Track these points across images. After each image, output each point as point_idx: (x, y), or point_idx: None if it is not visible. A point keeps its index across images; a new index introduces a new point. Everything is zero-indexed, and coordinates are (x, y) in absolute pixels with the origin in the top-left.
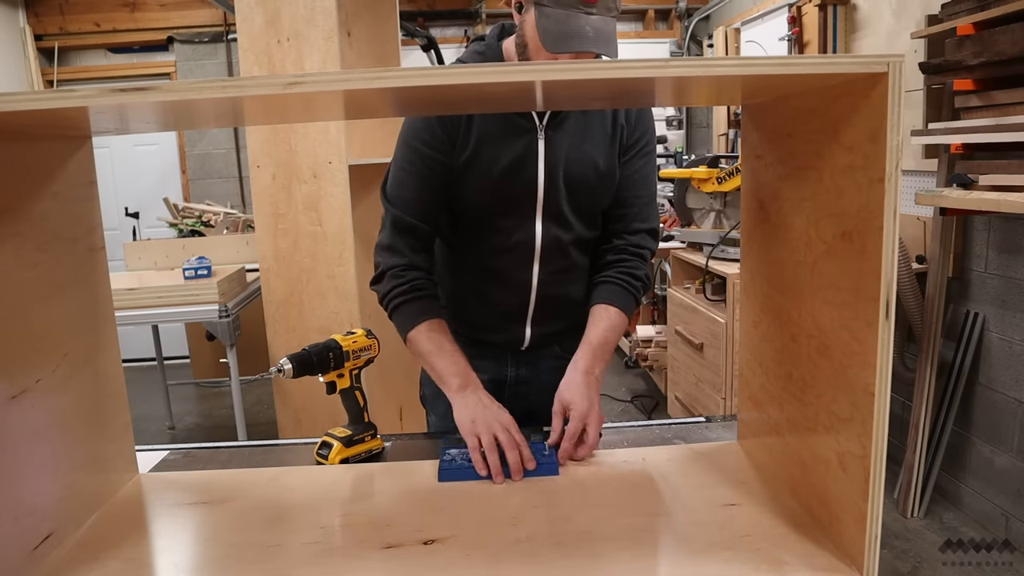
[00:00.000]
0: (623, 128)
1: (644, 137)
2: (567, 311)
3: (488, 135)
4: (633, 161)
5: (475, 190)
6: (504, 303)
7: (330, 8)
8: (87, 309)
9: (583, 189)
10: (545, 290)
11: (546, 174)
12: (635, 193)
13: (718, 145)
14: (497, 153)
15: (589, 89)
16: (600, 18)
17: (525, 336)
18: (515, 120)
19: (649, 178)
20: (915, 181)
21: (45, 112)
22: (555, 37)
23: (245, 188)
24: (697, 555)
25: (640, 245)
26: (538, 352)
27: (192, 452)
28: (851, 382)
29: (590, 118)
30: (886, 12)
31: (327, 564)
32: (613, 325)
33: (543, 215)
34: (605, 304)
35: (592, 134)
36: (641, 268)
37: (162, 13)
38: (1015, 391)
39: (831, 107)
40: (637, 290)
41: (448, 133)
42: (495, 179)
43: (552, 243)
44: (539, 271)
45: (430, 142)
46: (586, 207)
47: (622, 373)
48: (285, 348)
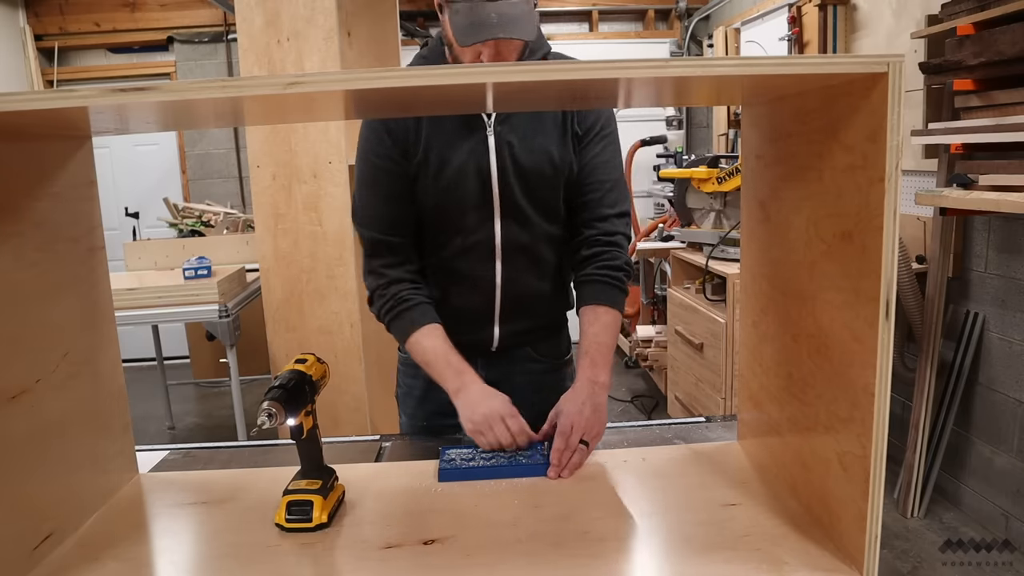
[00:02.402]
0: (574, 116)
1: (599, 121)
2: (535, 309)
3: (437, 138)
4: (591, 147)
5: (429, 193)
6: (470, 304)
7: (330, 8)
8: (87, 309)
9: (538, 181)
10: (510, 288)
11: (499, 170)
12: (597, 178)
13: (718, 145)
14: (447, 154)
15: (588, 89)
16: (505, 3)
17: (494, 336)
18: (464, 119)
19: (611, 162)
20: (915, 181)
21: (45, 112)
22: (463, 31)
23: (245, 188)
24: (697, 555)
25: (612, 231)
26: (511, 354)
27: (192, 452)
28: (851, 382)
29: (539, 112)
30: (886, 12)
31: (327, 564)
32: (605, 325)
33: (501, 212)
34: (592, 305)
35: (543, 126)
36: (619, 256)
37: (162, 13)
38: (1015, 391)
39: (831, 107)
40: (620, 280)
41: (397, 142)
42: (448, 180)
43: (513, 240)
44: (502, 269)
45: (382, 153)
46: (544, 200)
47: (622, 373)
48: (285, 348)
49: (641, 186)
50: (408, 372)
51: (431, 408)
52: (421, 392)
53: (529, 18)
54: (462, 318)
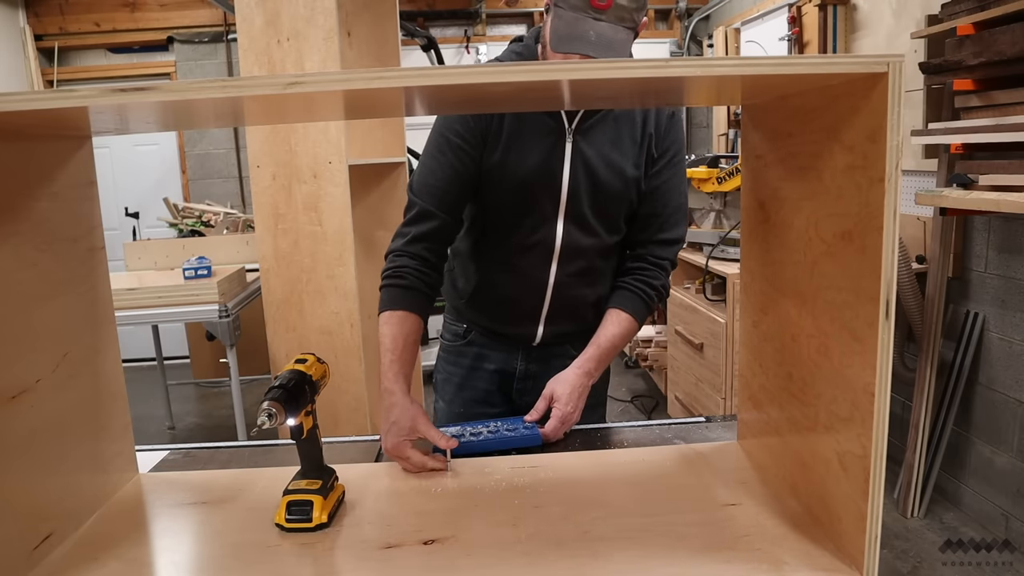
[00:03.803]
0: (651, 137)
1: (673, 147)
2: (581, 313)
3: (517, 134)
4: (662, 172)
5: (501, 188)
6: (520, 300)
7: (330, 8)
8: (87, 309)
9: (608, 194)
10: (561, 291)
11: (571, 177)
12: (663, 203)
13: (718, 145)
14: (525, 153)
15: (589, 89)
16: (609, 25)
17: (537, 333)
18: (545, 121)
19: (677, 189)
20: (915, 181)
21: (45, 112)
22: (560, 37)
23: (245, 188)
24: (697, 555)
25: (661, 256)
26: (550, 349)
27: (192, 452)
28: (851, 382)
29: (620, 125)
30: (886, 12)
31: (327, 564)
32: (624, 331)
33: (565, 217)
34: (619, 309)
35: (621, 141)
36: (659, 278)
37: (162, 13)
38: (1015, 391)
39: (831, 107)
40: (652, 299)
41: (481, 128)
42: (521, 178)
43: (571, 245)
44: (556, 271)
45: (463, 134)
46: (609, 212)
47: (622, 373)
48: (285, 348)
49: None
50: (449, 360)
51: (469, 396)
52: (460, 379)
53: (624, 46)
54: (511, 312)
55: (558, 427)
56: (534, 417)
